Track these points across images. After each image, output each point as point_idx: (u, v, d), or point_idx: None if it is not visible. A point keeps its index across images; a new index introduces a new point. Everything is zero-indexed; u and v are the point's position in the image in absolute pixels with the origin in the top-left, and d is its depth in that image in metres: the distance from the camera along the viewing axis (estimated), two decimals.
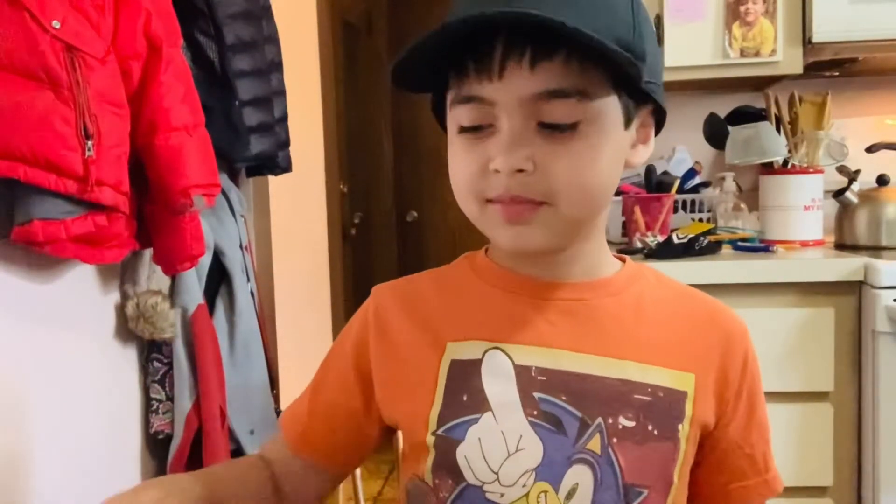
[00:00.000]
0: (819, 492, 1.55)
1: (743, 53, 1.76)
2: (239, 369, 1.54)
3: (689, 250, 1.62)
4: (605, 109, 0.61)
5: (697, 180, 2.05)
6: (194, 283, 1.43)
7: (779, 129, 1.79)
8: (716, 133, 1.86)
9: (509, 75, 0.59)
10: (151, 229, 1.24)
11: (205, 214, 1.39)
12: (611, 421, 0.64)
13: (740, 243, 1.75)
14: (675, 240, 1.63)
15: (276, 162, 1.72)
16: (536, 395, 0.65)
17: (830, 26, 1.70)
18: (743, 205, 1.90)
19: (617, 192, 1.90)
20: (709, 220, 1.94)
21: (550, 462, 0.64)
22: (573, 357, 0.66)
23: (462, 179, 0.64)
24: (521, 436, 0.64)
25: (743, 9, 1.75)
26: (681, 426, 0.66)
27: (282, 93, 1.72)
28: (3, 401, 1.06)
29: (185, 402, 1.38)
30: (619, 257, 0.74)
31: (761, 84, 1.96)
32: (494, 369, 0.66)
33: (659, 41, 1.76)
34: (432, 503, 0.67)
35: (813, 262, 1.59)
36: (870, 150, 1.79)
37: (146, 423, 1.39)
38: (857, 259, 1.52)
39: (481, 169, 0.62)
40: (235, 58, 1.52)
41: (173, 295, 1.40)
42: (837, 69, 1.94)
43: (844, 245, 1.77)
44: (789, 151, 1.79)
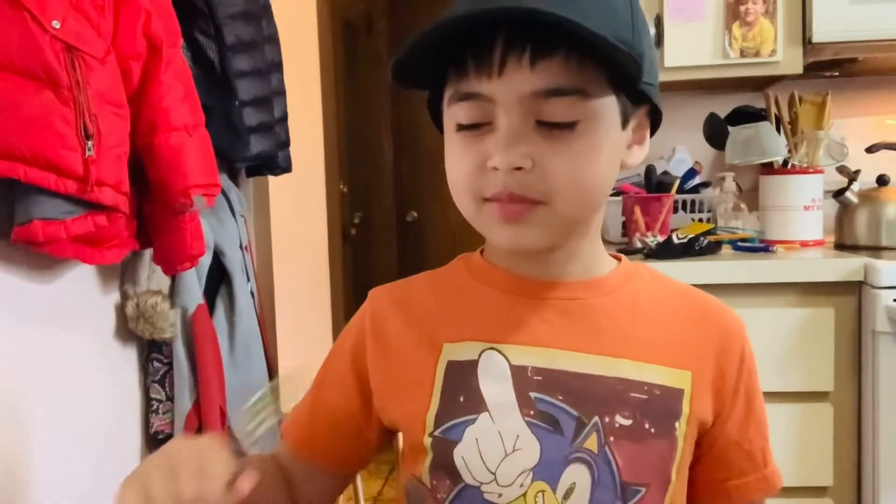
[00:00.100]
0: (819, 492, 1.55)
1: (743, 53, 1.76)
2: (239, 369, 1.54)
3: (689, 250, 1.62)
4: (604, 109, 0.61)
5: (697, 180, 2.05)
6: (194, 283, 1.43)
7: (779, 129, 1.79)
8: (716, 133, 1.86)
9: (509, 72, 0.59)
10: (151, 229, 1.24)
11: (205, 214, 1.39)
12: (607, 420, 0.64)
13: (740, 243, 1.75)
14: (675, 240, 1.63)
15: (276, 162, 1.72)
16: (533, 394, 0.65)
17: (830, 26, 1.70)
18: (743, 205, 1.90)
19: (617, 192, 1.94)
20: (709, 220, 1.93)
21: (547, 461, 0.64)
22: (569, 356, 0.66)
23: (459, 177, 0.64)
24: (518, 436, 0.64)
25: (743, 9, 1.75)
26: (678, 424, 0.66)
27: (282, 93, 1.72)
28: (3, 401, 1.06)
29: (185, 402, 1.38)
30: (614, 256, 0.74)
31: (761, 84, 1.96)
32: (491, 370, 0.66)
33: (659, 41, 1.76)
34: None
35: (813, 262, 1.59)
36: (870, 150, 1.78)
37: (146, 423, 1.39)
38: (857, 259, 1.52)
39: (479, 167, 0.62)
40: (235, 58, 1.52)
41: (173, 295, 1.40)
42: (837, 69, 1.94)
43: (844, 245, 1.77)
44: (789, 151, 1.79)
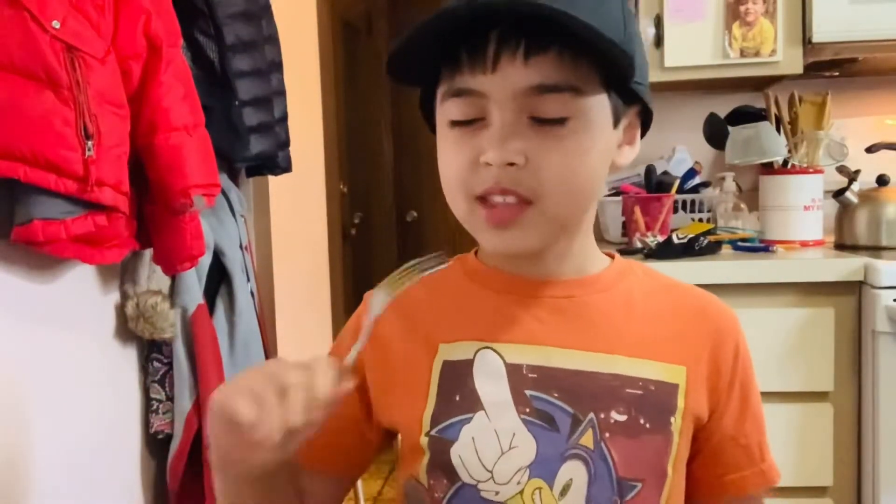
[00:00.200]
0: (819, 492, 1.55)
1: (743, 53, 1.76)
2: (239, 369, 1.54)
3: (689, 250, 1.62)
4: (596, 107, 0.62)
5: (697, 180, 2.05)
6: (194, 283, 1.43)
7: (779, 129, 1.79)
8: (716, 133, 1.86)
9: (503, 68, 0.59)
10: (151, 229, 1.24)
11: (205, 214, 1.39)
12: (603, 416, 0.64)
13: (740, 243, 1.75)
14: (675, 240, 1.63)
15: (276, 162, 1.72)
16: (528, 392, 0.65)
17: (830, 26, 1.70)
18: (743, 205, 1.90)
19: (617, 192, 1.94)
20: (709, 221, 1.93)
21: (544, 459, 0.64)
22: (564, 354, 0.66)
23: (452, 174, 0.64)
24: (514, 434, 0.64)
25: (743, 9, 1.75)
26: (673, 419, 0.66)
27: (282, 93, 1.72)
28: (3, 401, 1.06)
29: (185, 402, 1.38)
30: (608, 254, 0.74)
31: (761, 84, 1.96)
32: (486, 369, 0.67)
33: (659, 41, 1.77)
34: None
35: (813, 262, 1.59)
36: (870, 150, 1.78)
37: (146, 423, 1.39)
38: (857, 259, 1.51)
39: (472, 163, 0.62)
40: (235, 58, 1.52)
41: (173, 295, 1.40)
42: (837, 69, 1.94)
43: (844, 245, 1.77)
44: (789, 151, 1.79)
